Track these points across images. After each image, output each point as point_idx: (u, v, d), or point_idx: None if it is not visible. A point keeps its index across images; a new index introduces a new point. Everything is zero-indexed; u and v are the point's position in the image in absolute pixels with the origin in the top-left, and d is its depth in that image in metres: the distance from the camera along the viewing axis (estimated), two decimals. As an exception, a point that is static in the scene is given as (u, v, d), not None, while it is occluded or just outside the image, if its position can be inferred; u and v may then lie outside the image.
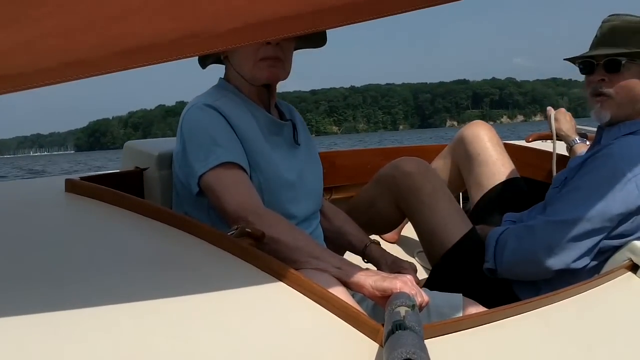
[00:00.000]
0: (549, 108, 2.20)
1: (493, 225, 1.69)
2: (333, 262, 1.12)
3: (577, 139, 2.08)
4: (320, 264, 1.11)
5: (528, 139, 2.54)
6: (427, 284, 1.61)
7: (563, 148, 2.14)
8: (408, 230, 2.22)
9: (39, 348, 0.66)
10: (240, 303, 0.83)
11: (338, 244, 1.58)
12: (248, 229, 1.09)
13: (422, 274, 1.97)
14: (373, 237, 1.61)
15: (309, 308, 0.85)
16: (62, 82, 0.52)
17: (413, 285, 1.02)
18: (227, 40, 0.61)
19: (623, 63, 1.50)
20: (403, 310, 0.80)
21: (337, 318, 0.84)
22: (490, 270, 1.55)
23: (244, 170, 1.29)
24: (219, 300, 0.82)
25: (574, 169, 1.55)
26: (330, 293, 0.88)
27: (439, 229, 1.64)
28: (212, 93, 1.41)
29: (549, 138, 2.22)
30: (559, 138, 2.12)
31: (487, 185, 1.96)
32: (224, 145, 1.28)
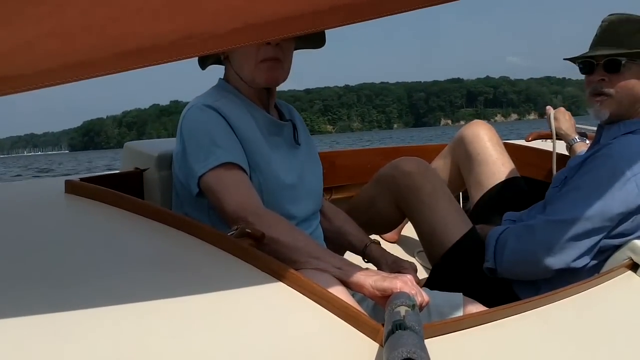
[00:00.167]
0: (549, 107, 2.19)
1: (493, 225, 1.69)
2: (333, 262, 1.12)
3: (576, 138, 2.08)
4: (320, 264, 1.11)
5: (528, 138, 2.53)
6: (427, 284, 1.61)
7: (563, 147, 2.14)
8: (408, 230, 2.22)
9: (40, 349, 0.66)
10: (241, 303, 0.83)
11: (338, 244, 1.58)
12: (248, 230, 1.09)
13: (422, 274, 1.97)
14: (373, 237, 1.61)
15: (309, 308, 0.85)
16: (62, 83, 0.52)
17: (413, 285, 1.02)
18: (227, 41, 0.61)
19: (623, 63, 1.50)
20: (403, 310, 0.80)
21: (337, 318, 0.84)
22: (490, 270, 1.55)
23: (244, 171, 1.29)
24: (219, 301, 0.82)
25: (574, 168, 1.55)
26: (331, 293, 0.88)
27: (439, 229, 1.64)
28: (211, 94, 1.41)
29: (549, 137, 2.21)
30: (559, 137, 2.12)
31: (487, 185, 1.96)
32: (224, 146, 1.28)
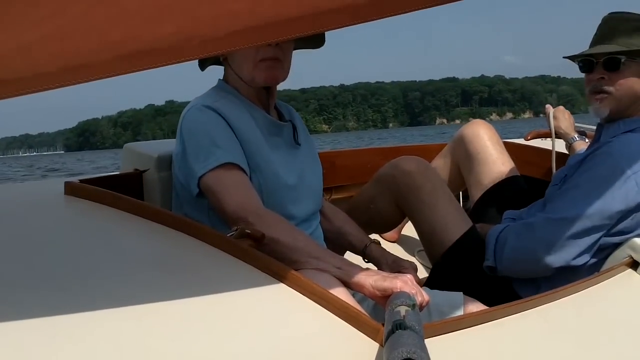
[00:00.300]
0: (548, 106, 2.19)
1: (493, 224, 1.69)
2: (333, 262, 1.12)
3: (576, 137, 2.08)
4: (321, 264, 1.12)
5: (527, 137, 2.53)
6: (427, 283, 1.61)
7: (562, 146, 2.14)
8: (408, 230, 2.22)
9: (39, 350, 0.66)
10: (241, 304, 0.83)
11: (338, 244, 1.59)
12: (248, 230, 1.09)
13: (422, 273, 1.97)
14: (373, 236, 1.61)
15: (309, 308, 0.85)
16: (61, 86, 0.52)
17: (413, 285, 1.02)
18: (227, 43, 0.61)
19: (623, 61, 1.50)
20: (403, 310, 0.80)
21: (337, 318, 0.84)
22: (491, 268, 1.55)
23: (244, 172, 1.29)
24: (219, 302, 0.82)
25: (574, 167, 1.55)
26: (331, 293, 0.88)
27: (439, 228, 1.64)
28: (211, 94, 1.41)
29: (548, 136, 2.21)
30: (558, 136, 2.12)
31: (487, 184, 1.96)
32: (224, 147, 1.28)
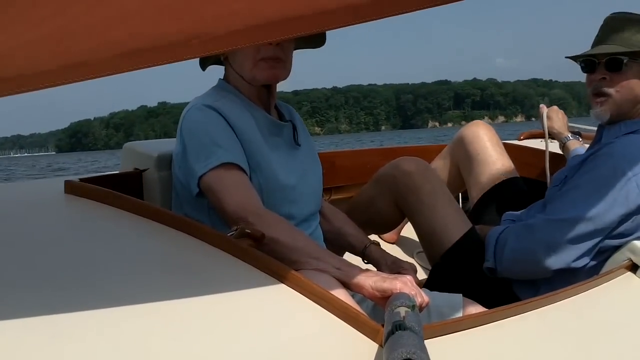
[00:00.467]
0: (542, 106, 2.20)
1: (493, 225, 1.69)
2: (333, 262, 1.12)
3: (569, 136, 2.09)
4: (320, 265, 1.11)
5: (520, 137, 2.54)
6: (427, 284, 1.61)
7: (557, 146, 2.15)
8: (407, 231, 2.22)
9: (39, 349, 0.66)
10: (240, 304, 0.83)
11: (338, 245, 1.58)
12: (248, 230, 1.09)
13: (421, 275, 1.97)
14: (372, 237, 1.61)
15: (309, 309, 0.85)
16: (61, 84, 0.52)
17: (413, 286, 1.02)
18: (228, 42, 0.61)
19: (625, 62, 1.50)
20: (403, 311, 0.80)
21: (337, 319, 0.84)
22: (490, 270, 1.55)
23: (244, 171, 1.29)
24: (219, 302, 0.82)
25: (574, 168, 1.55)
26: (330, 294, 0.88)
27: (439, 229, 1.64)
28: (211, 94, 1.41)
29: (541, 136, 2.22)
30: (551, 136, 2.13)
31: (486, 185, 1.96)
32: (224, 146, 1.28)
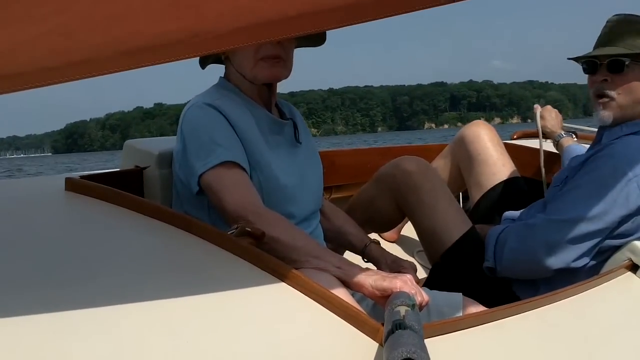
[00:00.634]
0: (536, 106, 2.21)
1: (493, 225, 1.69)
2: (333, 261, 1.12)
3: (562, 134, 2.09)
4: (320, 264, 1.11)
5: (513, 136, 2.54)
6: (427, 283, 1.61)
7: (552, 146, 2.16)
8: (408, 230, 2.22)
9: (40, 347, 0.66)
10: (240, 302, 0.83)
11: (338, 244, 1.58)
12: (248, 228, 1.09)
13: (421, 274, 1.97)
14: (373, 236, 1.61)
15: (309, 307, 0.85)
16: (63, 81, 0.52)
17: (413, 285, 1.02)
18: (230, 41, 0.61)
19: (627, 64, 1.49)
20: (403, 310, 0.80)
21: (337, 317, 0.84)
22: (490, 269, 1.55)
23: (244, 170, 1.29)
24: (219, 299, 0.82)
25: (575, 168, 1.55)
26: (330, 292, 0.88)
27: (439, 228, 1.64)
28: (212, 92, 1.41)
29: (535, 135, 2.22)
30: (545, 135, 2.13)
31: (487, 185, 1.96)
32: (224, 145, 1.28)
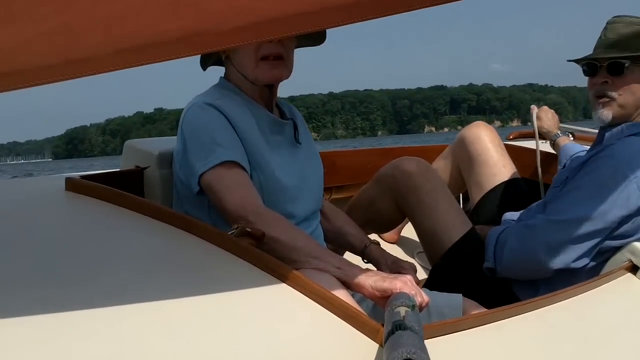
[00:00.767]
0: (532, 106, 2.21)
1: (493, 226, 1.69)
2: (333, 262, 1.12)
3: (559, 133, 2.10)
4: (320, 264, 1.11)
5: (509, 137, 2.55)
6: (427, 284, 1.61)
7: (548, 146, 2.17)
8: (408, 231, 2.22)
9: (40, 347, 0.65)
10: (240, 303, 0.83)
11: (338, 244, 1.58)
12: (248, 229, 1.09)
13: (421, 275, 1.97)
14: (373, 237, 1.60)
15: (309, 308, 0.85)
16: (63, 79, 0.51)
17: (413, 286, 1.02)
18: (230, 39, 0.61)
19: (626, 66, 1.50)
20: (403, 311, 0.80)
21: (337, 318, 0.83)
22: (490, 270, 1.55)
23: (245, 170, 1.29)
24: (219, 300, 0.82)
25: (575, 169, 1.55)
26: (330, 293, 0.88)
27: (439, 229, 1.64)
28: (212, 92, 1.41)
29: (531, 136, 2.23)
30: (542, 136, 2.14)
31: (487, 186, 1.96)
32: (225, 145, 1.28)
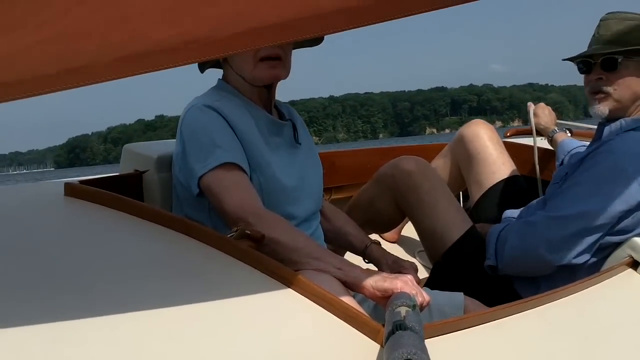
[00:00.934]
0: (530, 103, 2.22)
1: (493, 224, 1.69)
2: (333, 262, 1.12)
3: (556, 129, 2.10)
4: (321, 265, 1.12)
5: (506, 134, 2.55)
6: (428, 283, 1.61)
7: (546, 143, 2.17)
8: (408, 230, 2.22)
9: (38, 352, 0.66)
10: (241, 305, 0.83)
11: (338, 245, 1.59)
12: (248, 231, 1.09)
13: (422, 274, 1.97)
14: (373, 237, 1.61)
15: (310, 309, 0.85)
16: (61, 89, 0.51)
17: (414, 285, 1.02)
18: (229, 46, 0.61)
19: (619, 61, 1.50)
20: (404, 311, 0.80)
21: (337, 319, 0.84)
22: (491, 268, 1.55)
23: (244, 171, 1.29)
24: (219, 303, 0.82)
25: (575, 165, 1.55)
26: (331, 294, 0.88)
27: (440, 228, 1.64)
28: (211, 94, 1.41)
29: (528, 133, 2.24)
30: (539, 132, 2.14)
31: (487, 184, 1.96)
32: (224, 146, 1.28)
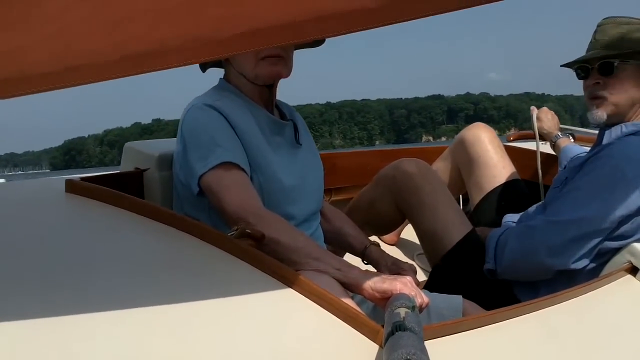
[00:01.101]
0: (533, 108, 2.22)
1: (493, 227, 1.69)
2: (333, 263, 1.12)
3: (559, 134, 2.10)
4: (320, 265, 1.12)
5: (509, 138, 2.55)
6: (427, 286, 1.61)
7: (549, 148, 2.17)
8: (408, 233, 2.22)
9: (39, 349, 0.66)
10: (240, 304, 0.83)
11: (338, 245, 1.59)
12: (248, 230, 1.09)
13: (421, 277, 1.98)
14: (373, 239, 1.61)
15: (309, 309, 0.85)
16: (64, 87, 0.52)
17: (413, 287, 1.02)
18: (231, 47, 0.61)
19: (616, 65, 1.50)
20: (403, 312, 0.80)
21: (337, 319, 0.84)
22: (491, 271, 1.55)
23: (244, 171, 1.29)
24: (219, 301, 0.82)
25: (575, 169, 1.55)
26: (330, 294, 0.88)
27: (439, 230, 1.64)
28: (212, 93, 1.41)
29: (531, 137, 2.24)
30: (542, 137, 2.14)
31: (487, 188, 1.96)
32: (224, 146, 1.28)
